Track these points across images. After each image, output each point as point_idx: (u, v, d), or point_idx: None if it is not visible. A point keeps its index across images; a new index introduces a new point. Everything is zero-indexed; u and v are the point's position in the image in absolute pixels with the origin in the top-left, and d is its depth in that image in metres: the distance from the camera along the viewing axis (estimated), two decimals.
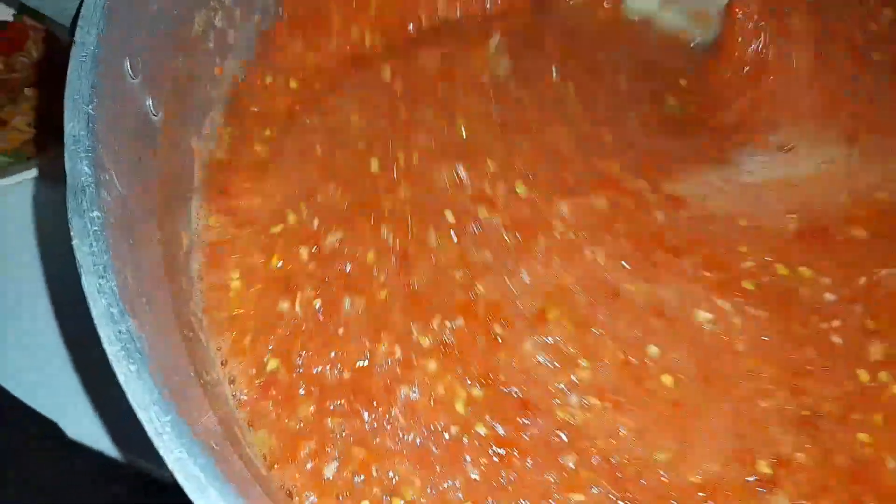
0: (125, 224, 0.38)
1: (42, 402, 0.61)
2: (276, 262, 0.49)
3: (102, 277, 0.33)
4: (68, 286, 0.34)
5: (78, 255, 0.33)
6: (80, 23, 0.40)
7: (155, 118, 0.46)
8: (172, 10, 0.48)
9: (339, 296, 0.47)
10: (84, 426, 0.61)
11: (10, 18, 0.77)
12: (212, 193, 0.51)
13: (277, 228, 0.50)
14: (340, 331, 0.46)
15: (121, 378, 0.31)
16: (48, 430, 0.62)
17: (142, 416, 0.30)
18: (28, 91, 0.73)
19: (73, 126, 0.37)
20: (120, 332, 0.32)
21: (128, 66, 0.43)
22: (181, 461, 0.29)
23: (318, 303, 0.47)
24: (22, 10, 0.74)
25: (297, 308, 0.47)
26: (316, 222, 0.50)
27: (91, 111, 0.38)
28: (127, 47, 0.43)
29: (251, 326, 0.47)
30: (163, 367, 0.33)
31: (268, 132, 0.54)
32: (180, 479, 0.29)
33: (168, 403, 0.31)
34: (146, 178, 0.44)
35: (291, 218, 0.50)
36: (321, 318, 0.47)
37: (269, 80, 0.56)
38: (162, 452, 0.30)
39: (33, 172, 0.65)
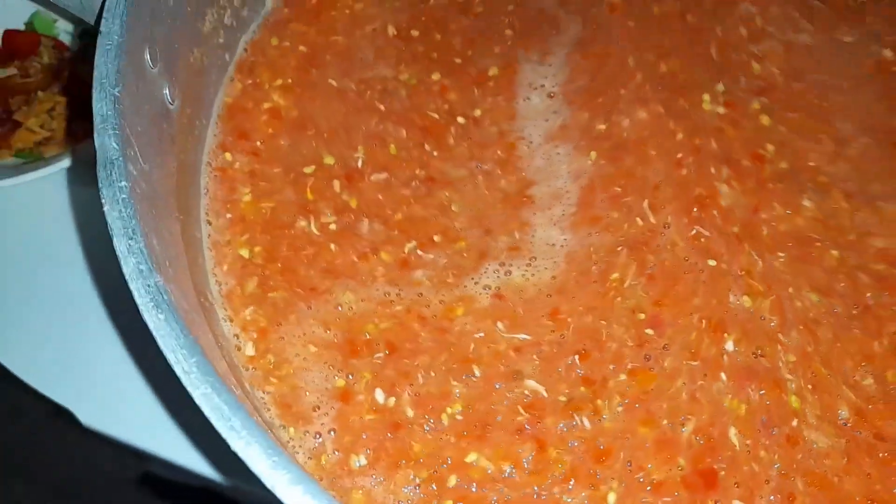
0: (148, 196, 0.41)
1: (56, 390, 0.63)
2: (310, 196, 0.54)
3: (132, 238, 0.36)
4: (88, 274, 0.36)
5: (109, 219, 0.37)
6: (104, 14, 0.43)
7: (171, 106, 0.49)
8: (186, 6, 0.52)
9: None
10: (98, 413, 0.63)
11: (23, 27, 0.80)
12: (233, 137, 0.56)
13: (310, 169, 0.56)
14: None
15: (151, 326, 0.34)
16: (63, 418, 0.64)
17: (170, 357, 0.33)
18: (41, 94, 0.77)
19: (101, 106, 0.40)
20: (149, 286, 0.35)
21: (147, 55, 0.46)
22: (207, 395, 0.32)
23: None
24: (48, 7, 0.78)
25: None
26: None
27: (116, 93, 0.41)
28: (146, 37, 0.46)
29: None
30: (187, 320, 0.36)
31: (280, 81, 0.59)
32: (206, 411, 0.32)
33: (194, 346, 0.34)
34: (165, 158, 0.47)
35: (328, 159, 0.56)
36: None
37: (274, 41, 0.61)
38: (189, 389, 0.33)
39: (66, 162, 0.67)
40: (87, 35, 0.80)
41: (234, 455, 0.31)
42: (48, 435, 0.69)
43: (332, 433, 0.46)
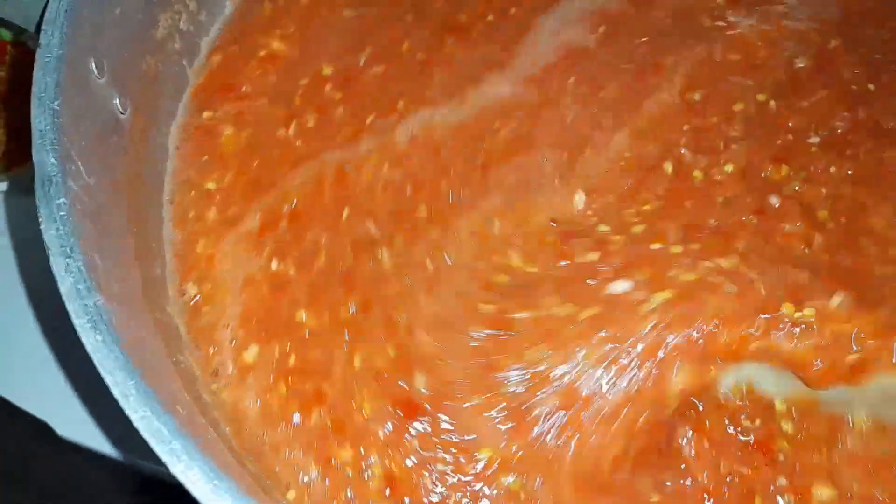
0: (92, 211, 0.40)
1: (31, 402, 0.63)
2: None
3: (69, 257, 0.35)
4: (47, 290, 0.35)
5: (45, 238, 0.36)
6: (44, 26, 0.42)
7: (122, 116, 0.48)
8: (136, 14, 0.51)
9: None
10: (75, 425, 0.62)
11: None
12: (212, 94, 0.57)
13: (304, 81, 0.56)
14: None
15: (88, 348, 0.33)
16: (40, 430, 0.64)
17: (108, 380, 0.32)
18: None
19: (39, 121, 0.39)
20: (87, 306, 0.34)
21: (93, 65, 0.45)
22: (146, 419, 0.31)
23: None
24: None
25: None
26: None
27: (56, 107, 0.40)
28: (91, 48, 0.45)
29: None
30: (131, 340, 0.35)
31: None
32: (146, 436, 0.31)
33: (134, 368, 0.33)
34: (116, 169, 0.46)
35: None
36: None
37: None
38: (128, 413, 0.32)
39: (3, 186, 0.67)
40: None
41: None
42: (27, 447, 0.68)
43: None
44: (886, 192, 0.49)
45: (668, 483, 0.43)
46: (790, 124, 0.53)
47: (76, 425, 0.62)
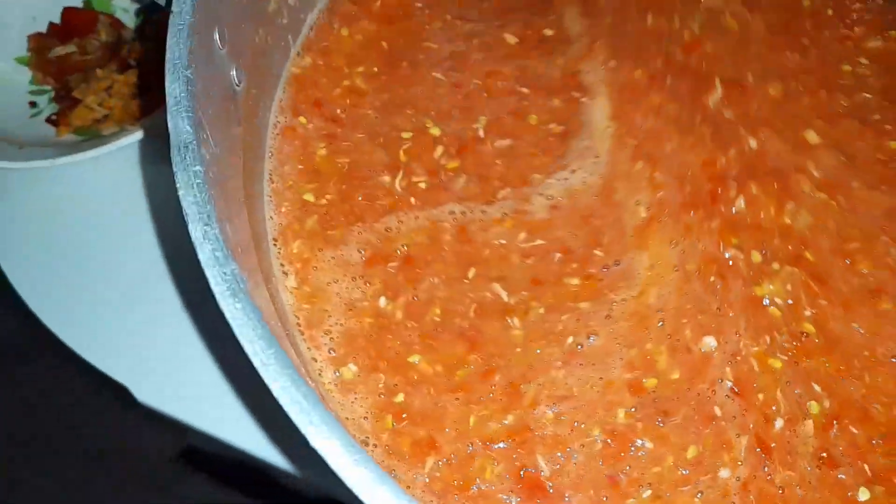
0: (219, 180, 0.41)
1: (112, 366, 0.64)
2: None
3: (207, 225, 0.35)
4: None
5: (184, 204, 0.36)
6: None
7: (238, 87, 0.48)
8: None
9: None
10: (155, 391, 0.63)
11: (80, 4, 0.80)
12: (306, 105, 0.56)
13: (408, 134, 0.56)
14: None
15: (228, 315, 0.33)
16: (112, 393, 0.65)
17: (248, 348, 0.33)
18: (99, 72, 0.76)
19: (174, 87, 0.39)
20: (225, 273, 0.34)
21: (216, 35, 0.45)
22: (285, 389, 0.32)
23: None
24: None
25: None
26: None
27: (189, 75, 0.40)
28: (216, 18, 0.45)
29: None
30: (261, 304, 0.36)
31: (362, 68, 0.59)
32: (285, 404, 0.31)
33: (271, 337, 0.33)
34: (233, 140, 0.46)
35: None
36: None
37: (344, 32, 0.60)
38: (267, 382, 0.32)
39: (139, 135, 0.67)
40: (144, 13, 0.80)
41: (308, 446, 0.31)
42: (90, 409, 0.70)
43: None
44: None
45: None
46: None
47: (152, 390, 0.63)
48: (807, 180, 0.51)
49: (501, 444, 0.44)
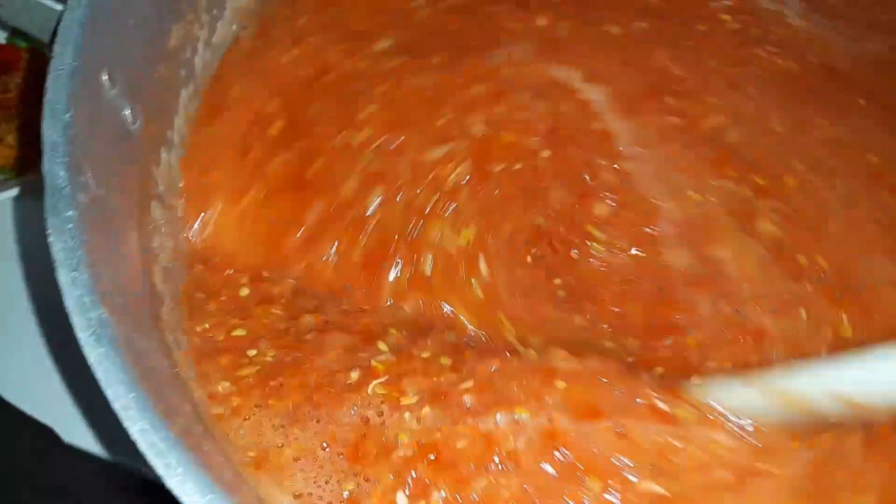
0: (103, 221, 0.41)
1: (36, 407, 0.63)
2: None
3: (75, 270, 0.36)
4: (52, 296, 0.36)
5: (53, 250, 0.36)
6: (58, 37, 0.43)
7: (133, 126, 0.49)
8: (150, 24, 0.52)
9: None
10: (79, 430, 0.63)
11: (3, 40, 0.80)
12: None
13: None
14: None
15: (91, 360, 0.34)
16: (45, 435, 0.64)
17: (109, 393, 0.33)
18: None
19: (50, 133, 0.40)
20: (90, 319, 0.35)
21: (105, 77, 0.46)
22: (145, 432, 0.32)
23: None
24: (12, 31, 0.78)
25: None
26: None
27: (68, 119, 0.40)
28: (104, 60, 0.45)
29: None
30: (133, 351, 0.36)
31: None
32: (143, 448, 0.32)
33: (134, 382, 0.33)
34: (125, 180, 0.47)
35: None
36: None
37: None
38: (127, 426, 0.32)
39: (14, 192, 0.68)
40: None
41: None
42: (32, 452, 0.69)
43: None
44: None
45: None
46: None
47: (80, 431, 0.63)
48: None
49: None
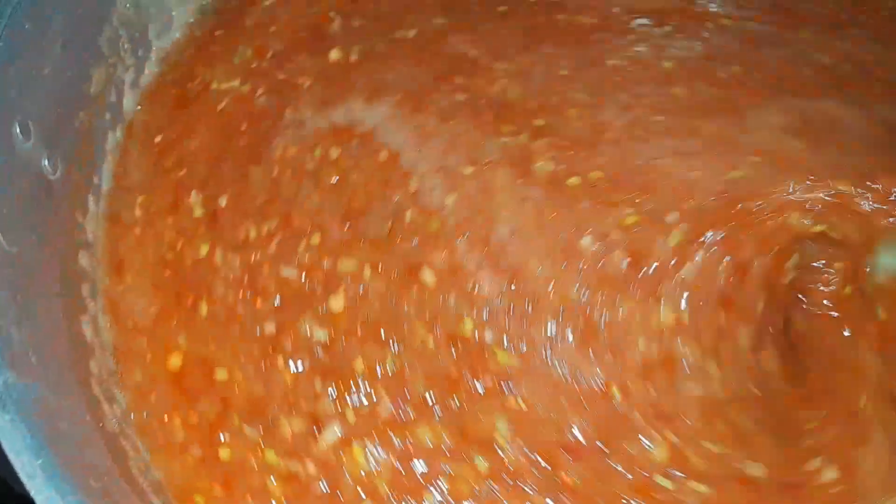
0: (15, 281, 0.40)
1: None
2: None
3: None
4: None
5: None
6: None
7: (53, 176, 0.48)
8: (67, 71, 0.51)
9: None
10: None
11: None
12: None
13: None
14: None
15: None
16: None
17: (14, 461, 0.32)
18: None
19: None
20: None
21: (17, 129, 0.45)
22: (51, 499, 0.31)
23: None
24: None
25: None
26: None
27: None
28: (15, 112, 0.45)
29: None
30: (47, 414, 0.35)
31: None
32: None
33: (41, 448, 0.33)
34: (45, 231, 0.46)
35: None
36: None
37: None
38: (33, 495, 0.32)
39: None
40: None
41: None
42: None
43: None
44: None
45: None
46: None
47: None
48: None
49: None
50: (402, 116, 0.55)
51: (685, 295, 0.48)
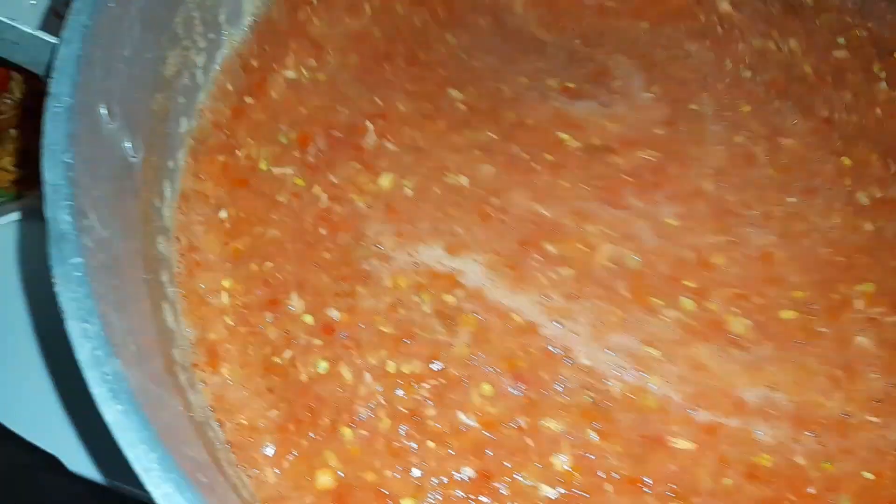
0: (109, 266, 0.39)
1: (39, 436, 0.62)
2: None
3: (86, 322, 0.34)
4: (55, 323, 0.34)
5: (61, 301, 0.35)
6: (53, 74, 0.41)
7: (134, 159, 0.47)
8: (146, 53, 0.50)
9: None
10: (83, 459, 0.62)
11: None
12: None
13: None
14: None
15: (108, 418, 0.32)
16: (50, 464, 0.63)
17: (129, 454, 0.31)
18: (13, 132, 0.74)
19: (51, 175, 0.38)
20: (105, 373, 0.33)
21: (104, 111, 0.44)
22: (169, 496, 0.31)
23: None
24: None
25: None
26: None
27: (68, 160, 0.39)
28: (102, 94, 0.44)
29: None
30: (151, 404, 0.35)
31: None
32: None
33: (156, 441, 0.32)
34: (128, 216, 0.45)
35: None
36: None
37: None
38: (150, 489, 0.31)
39: (15, 216, 0.66)
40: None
41: None
42: (37, 480, 0.68)
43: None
44: None
45: None
46: None
47: (84, 460, 0.62)
48: None
49: None
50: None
51: None
